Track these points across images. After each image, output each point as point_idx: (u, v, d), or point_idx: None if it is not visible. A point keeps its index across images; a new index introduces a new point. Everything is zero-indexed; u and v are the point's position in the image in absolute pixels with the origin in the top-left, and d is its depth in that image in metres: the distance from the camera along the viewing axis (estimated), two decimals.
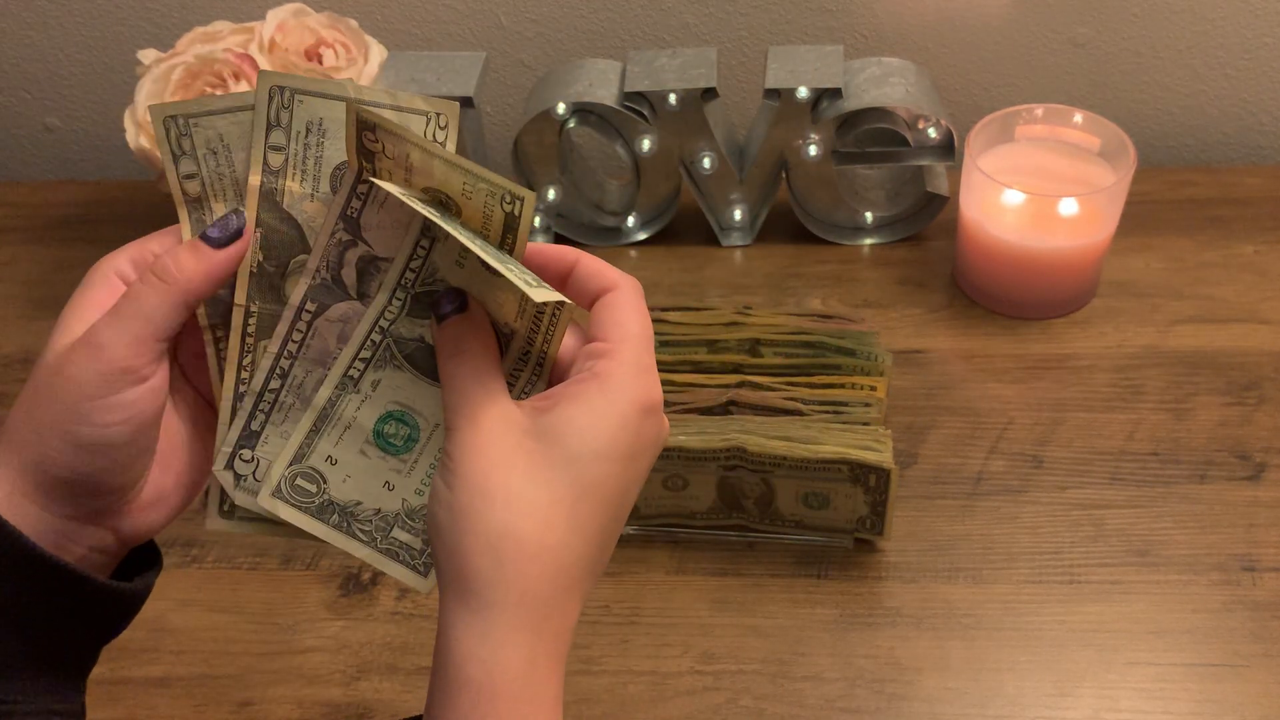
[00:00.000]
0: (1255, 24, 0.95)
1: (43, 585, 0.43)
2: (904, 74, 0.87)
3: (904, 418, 0.79)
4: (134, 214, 1.02)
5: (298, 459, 0.46)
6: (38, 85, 1.07)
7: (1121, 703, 0.64)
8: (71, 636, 0.45)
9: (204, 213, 0.46)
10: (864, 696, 0.65)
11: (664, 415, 0.45)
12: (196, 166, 0.46)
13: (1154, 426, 0.77)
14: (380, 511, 0.46)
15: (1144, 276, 0.88)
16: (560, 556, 0.41)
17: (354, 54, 0.87)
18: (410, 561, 0.46)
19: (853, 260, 0.92)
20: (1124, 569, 0.70)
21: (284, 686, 0.68)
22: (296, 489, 0.46)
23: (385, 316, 0.46)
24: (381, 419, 0.46)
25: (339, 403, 0.46)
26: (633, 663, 0.67)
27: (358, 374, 0.46)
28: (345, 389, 0.46)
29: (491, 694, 0.40)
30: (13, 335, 0.92)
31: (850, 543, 0.72)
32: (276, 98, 0.45)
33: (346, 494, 0.46)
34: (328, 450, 0.46)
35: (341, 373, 0.46)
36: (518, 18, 0.99)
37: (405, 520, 0.46)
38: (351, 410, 0.46)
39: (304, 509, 0.46)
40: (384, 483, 0.46)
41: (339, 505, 0.46)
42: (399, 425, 0.46)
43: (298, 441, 0.46)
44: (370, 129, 0.43)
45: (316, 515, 0.46)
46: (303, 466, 0.46)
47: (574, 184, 0.93)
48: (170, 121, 0.45)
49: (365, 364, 0.46)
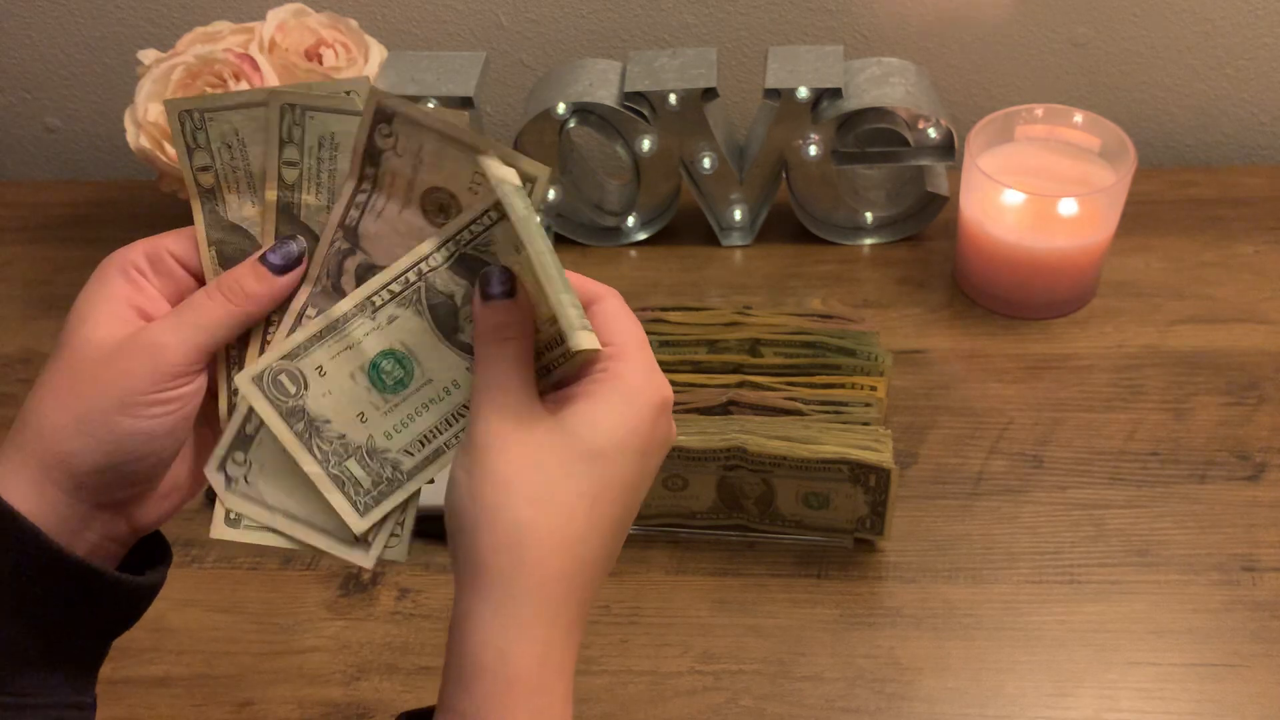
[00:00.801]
0: (1255, 24, 0.95)
1: (58, 581, 0.44)
2: (904, 74, 0.87)
3: (904, 418, 0.79)
4: (134, 214, 1.02)
5: (291, 356, 0.46)
6: (38, 85, 1.07)
7: (1121, 703, 0.64)
8: (84, 631, 0.46)
9: (216, 203, 0.47)
10: (864, 696, 0.65)
11: (671, 416, 0.46)
12: (211, 159, 0.47)
13: (1154, 426, 0.77)
14: (345, 437, 0.46)
15: (1144, 276, 0.88)
16: (579, 551, 0.42)
17: (354, 54, 0.87)
18: (353, 496, 0.46)
19: (853, 260, 0.92)
20: (1124, 569, 0.70)
21: (284, 686, 0.68)
22: (277, 384, 0.47)
23: (429, 262, 0.46)
24: (383, 353, 0.46)
25: (351, 321, 0.46)
26: (633, 662, 0.67)
27: (380, 302, 0.46)
28: (363, 311, 0.46)
29: (509, 682, 0.41)
30: (13, 335, 0.92)
31: (850, 543, 0.72)
32: (288, 115, 0.46)
33: (320, 408, 0.46)
34: (321, 360, 0.46)
35: (366, 295, 0.46)
36: (518, 18, 0.99)
37: (364, 456, 0.46)
38: (360, 333, 0.46)
39: (275, 405, 0.47)
40: (359, 413, 0.46)
41: (309, 415, 0.46)
42: (396, 365, 0.46)
43: (298, 340, 0.46)
44: (388, 119, 0.44)
45: (284, 417, 0.47)
46: (292, 365, 0.46)
47: (574, 184, 0.93)
48: (185, 115, 0.46)
49: (392, 296, 0.46)
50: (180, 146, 0.47)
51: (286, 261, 0.46)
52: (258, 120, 0.46)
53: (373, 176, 0.45)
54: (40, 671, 0.45)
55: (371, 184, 0.46)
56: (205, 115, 0.46)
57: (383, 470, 0.46)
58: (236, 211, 0.47)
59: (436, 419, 0.46)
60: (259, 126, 0.46)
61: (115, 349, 0.44)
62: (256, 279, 0.46)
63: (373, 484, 0.46)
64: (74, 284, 0.48)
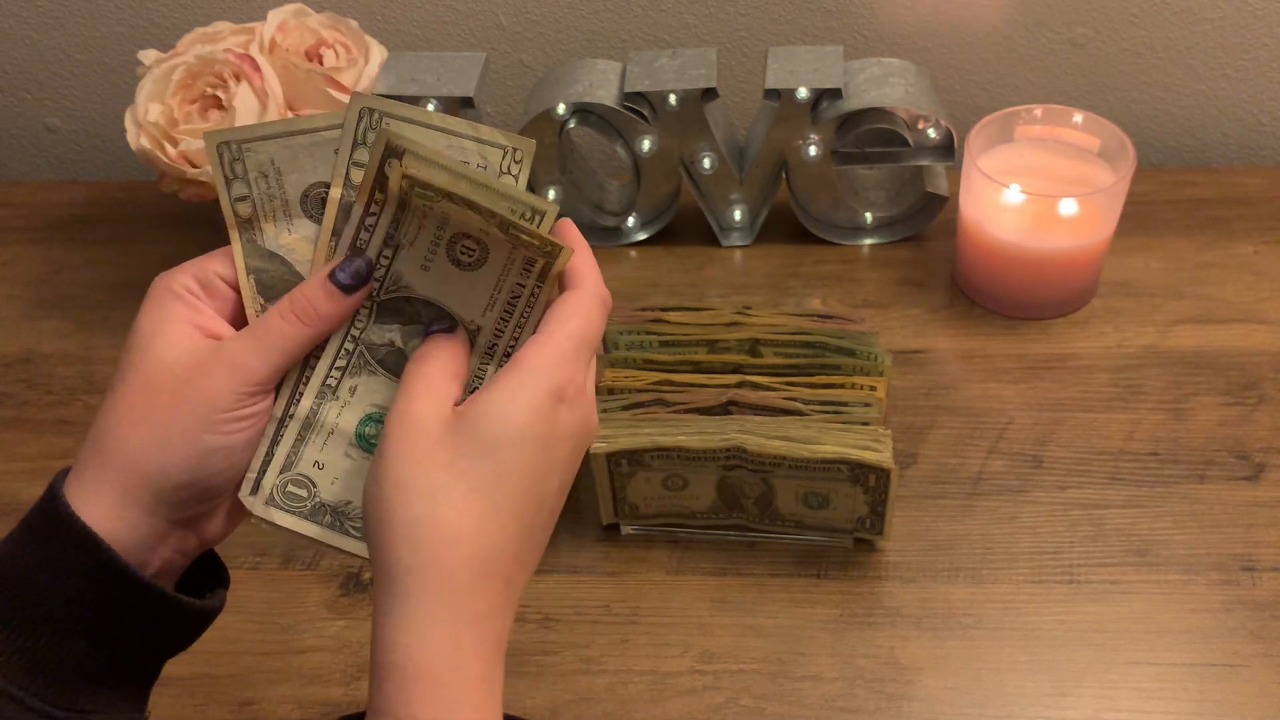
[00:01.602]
0: (1255, 25, 0.95)
1: (130, 605, 0.45)
2: (904, 74, 0.87)
3: (904, 418, 0.79)
4: (134, 214, 1.02)
5: (287, 467, 0.48)
6: (39, 85, 1.07)
7: (1121, 702, 0.64)
8: (146, 651, 0.47)
9: (254, 232, 0.48)
10: (864, 696, 0.65)
11: (589, 411, 0.46)
12: (248, 189, 0.48)
13: (1153, 426, 0.78)
14: None
15: (1143, 277, 0.88)
16: (477, 543, 0.42)
17: (354, 54, 0.87)
18: None
19: (852, 260, 0.92)
20: (1123, 569, 0.70)
21: (285, 686, 0.68)
22: (289, 495, 0.49)
23: (355, 326, 0.48)
24: (362, 422, 0.48)
25: (320, 410, 0.48)
26: (633, 662, 0.67)
27: (335, 382, 0.48)
28: (325, 397, 0.48)
29: (414, 677, 0.41)
30: (14, 335, 0.92)
31: (850, 542, 0.72)
32: (365, 118, 0.47)
33: (336, 494, 0.49)
34: (314, 456, 0.48)
35: (320, 383, 0.48)
36: (518, 18, 0.99)
37: None
38: (333, 417, 0.48)
39: (297, 513, 0.49)
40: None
41: (330, 506, 0.49)
42: (378, 426, 0.48)
43: (285, 451, 0.48)
44: (398, 155, 0.45)
45: (309, 518, 0.49)
46: (292, 474, 0.48)
47: (574, 184, 0.93)
48: (223, 147, 0.47)
49: (341, 372, 0.48)
50: (219, 178, 0.48)
51: (356, 280, 0.47)
52: (293, 149, 0.47)
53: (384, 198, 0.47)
54: (101, 689, 0.46)
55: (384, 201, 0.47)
56: (243, 146, 0.47)
57: None
58: (274, 240, 0.48)
59: None
60: (293, 155, 0.47)
61: (194, 368, 0.45)
62: (328, 298, 0.47)
63: None
64: (74, 284, 0.48)
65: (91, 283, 0.96)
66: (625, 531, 0.74)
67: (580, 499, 0.75)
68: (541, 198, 0.46)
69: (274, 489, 0.49)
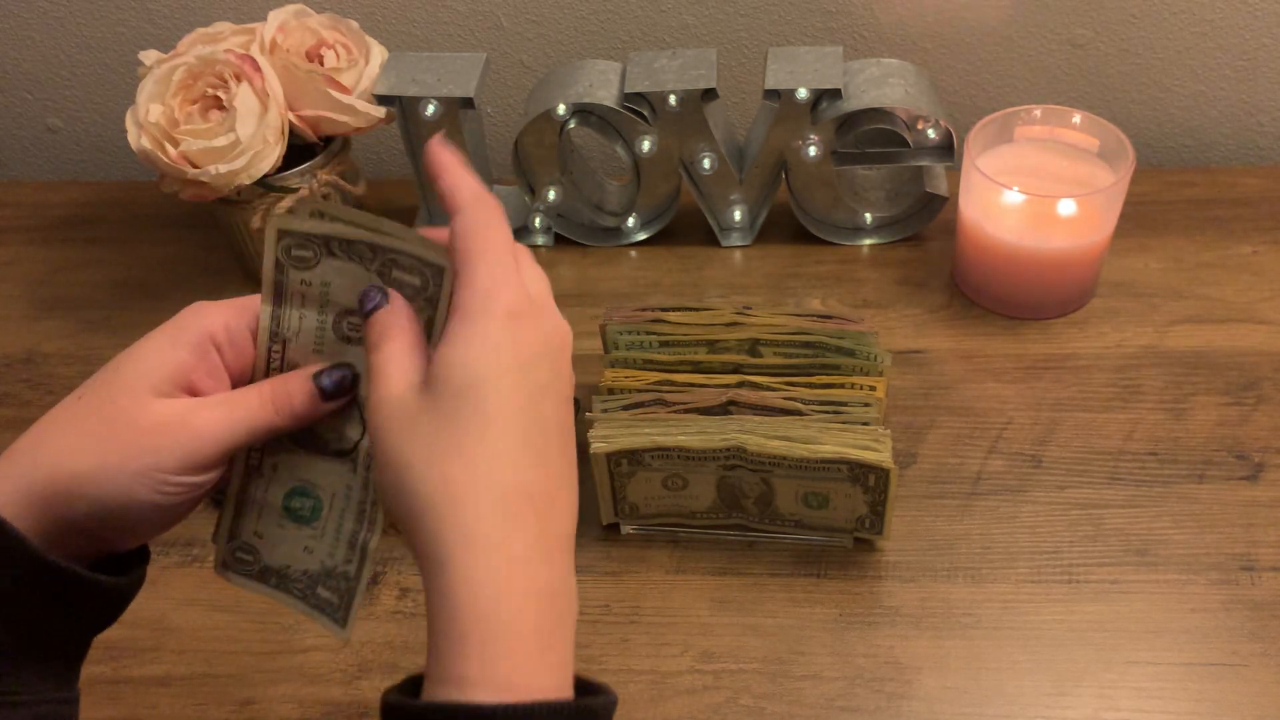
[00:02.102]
0: (1254, 25, 0.95)
1: (40, 583, 0.44)
2: (903, 75, 0.87)
3: (903, 417, 0.79)
4: (135, 214, 1.03)
5: (232, 537, 0.52)
6: (39, 86, 1.08)
7: (1120, 702, 0.64)
8: (65, 630, 0.47)
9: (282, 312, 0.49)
10: (863, 695, 0.65)
11: (551, 314, 0.45)
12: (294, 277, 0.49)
13: (1152, 426, 0.78)
14: (306, 572, 0.50)
15: (1143, 277, 0.88)
16: (493, 489, 0.42)
17: (355, 55, 0.87)
18: (333, 614, 0.50)
19: (852, 260, 0.92)
20: (1123, 568, 0.70)
21: (285, 685, 0.68)
22: (238, 560, 0.52)
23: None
24: (287, 495, 0.50)
25: (249, 488, 0.51)
26: (632, 662, 0.68)
27: (256, 461, 0.51)
28: (250, 477, 0.51)
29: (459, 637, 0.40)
30: (15, 335, 0.92)
31: (850, 542, 0.72)
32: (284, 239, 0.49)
33: (277, 560, 0.51)
34: (253, 527, 0.51)
35: (244, 462, 0.51)
36: (518, 18, 0.99)
37: (324, 579, 0.50)
38: (260, 493, 0.51)
39: (248, 575, 0.52)
40: (303, 548, 0.51)
41: (274, 569, 0.51)
42: (303, 499, 0.50)
43: (228, 524, 0.52)
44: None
45: (258, 579, 0.52)
46: (238, 543, 0.52)
47: (574, 184, 0.93)
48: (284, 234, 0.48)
49: (260, 452, 0.51)
50: (269, 256, 0.48)
51: (337, 390, 0.48)
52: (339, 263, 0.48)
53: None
54: (23, 670, 0.46)
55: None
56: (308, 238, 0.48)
57: (340, 584, 0.50)
58: (295, 325, 0.49)
59: (354, 522, 0.50)
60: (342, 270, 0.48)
61: (157, 422, 0.45)
62: (306, 398, 0.47)
63: (340, 600, 0.50)
64: (75, 284, 0.48)
65: (92, 283, 0.96)
66: (625, 531, 0.74)
67: (580, 499, 0.75)
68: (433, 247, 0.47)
69: (226, 554, 0.52)
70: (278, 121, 0.81)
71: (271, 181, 0.85)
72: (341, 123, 0.85)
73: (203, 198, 0.84)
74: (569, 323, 0.46)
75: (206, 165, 0.81)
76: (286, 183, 0.86)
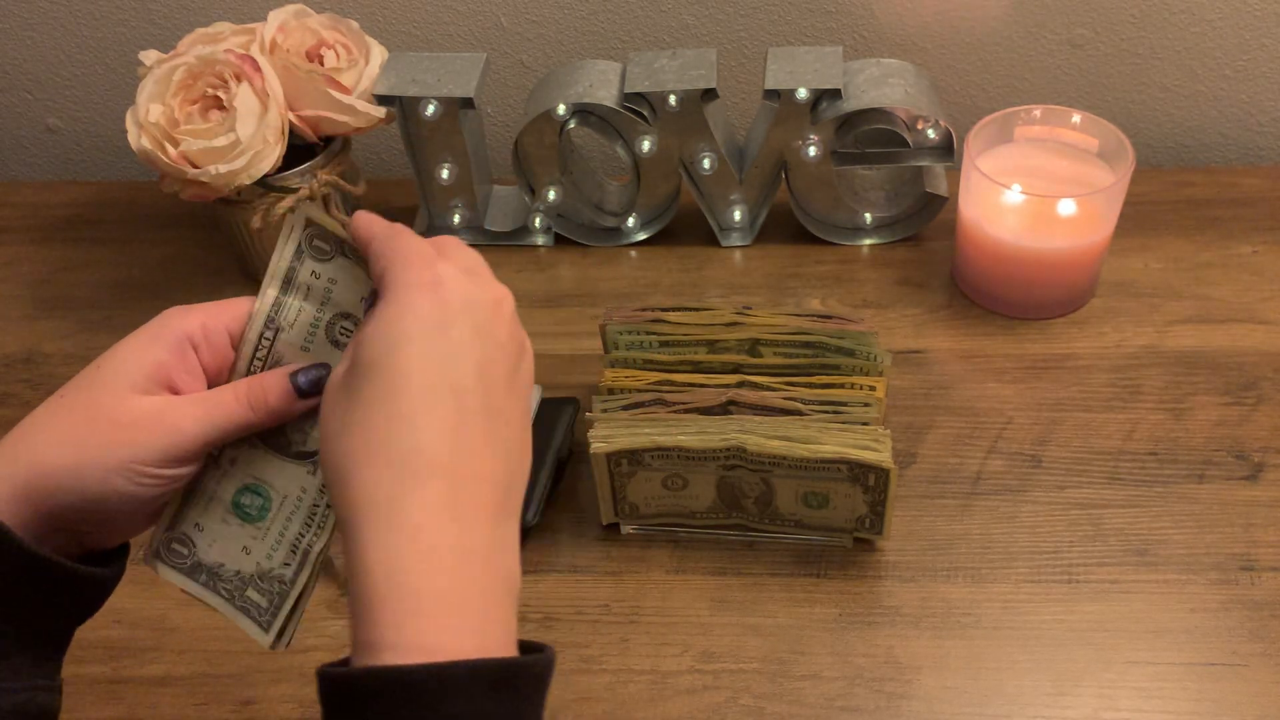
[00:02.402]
0: (1253, 25, 0.95)
1: (22, 574, 0.45)
2: (903, 75, 0.88)
3: (903, 417, 0.79)
4: (135, 214, 1.03)
5: (171, 526, 0.51)
6: (40, 86, 1.08)
7: (1120, 702, 0.64)
8: (47, 620, 0.48)
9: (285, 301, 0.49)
10: (863, 695, 0.65)
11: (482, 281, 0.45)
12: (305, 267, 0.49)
13: (1152, 426, 0.78)
14: (239, 573, 0.51)
15: (1142, 277, 0.88)
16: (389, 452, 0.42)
17: (355, 55, 0.87)
18: (258, 618, 0.50)
19: (852, 260, 0.92)
20: (1122, 568, 0.70)
21: (285, 685, 0.68)
22: (172, 551, 0.51)
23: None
24: (239, 491, 0.51)
25: (203, 477, 0.50)
26: (632, 661, 0.68)
27: (217, 452, 0.50)
28: (208, 466, 0.50)
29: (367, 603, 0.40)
30: (15, 335, 0.92)
31: (850, 542, 0.72)
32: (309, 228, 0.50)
33: (212, 556, 0.51)
34: (196, 518, 0.51)
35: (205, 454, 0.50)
36: (518, 18, 0.99)
37: (257, 581, 0.50)
38: (214, 484, 0.51)
39: (178, 569, 0.51)
40: (242, 547, 0.51)
41: (206, 566, 0.51)
42: (254, 497, 0.50)
43: (172, 511, 0.51)
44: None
45: (188, 574, 0.51)
46: (176, 533, 0.51)
47: (574, 184, 0.93)
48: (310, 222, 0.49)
49: (222, 445, 0.50)
50: (290, 242, 0.49)
51: (313, 389, 0.48)
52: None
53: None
54: (9, 658, 0.46)
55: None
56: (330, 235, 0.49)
57: (273, 588, 0.50)
58: (292, 317, 0.50)
59: (300, 526, 0.50)
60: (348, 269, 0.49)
61: (138, 417, 0.46)
62: (282, 395, 0.48)
63: (269, 603, 0.50)
64: (75, 284, 0.48)
65: (92, 283, 0.96)
66: (625, 531, 0.74)
67: (580, 499, 0.75)
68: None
69: (160, 544, 0.51)
70: (278, 121, 0.82)
71: (271, 181, 0.85)
72: (341, 123, 0.85)
73: (203, 198, 0.84)
74: (568, 323, 0.47)
75: (206, 165, 0.81)
76: (286, 183, 0.86)
